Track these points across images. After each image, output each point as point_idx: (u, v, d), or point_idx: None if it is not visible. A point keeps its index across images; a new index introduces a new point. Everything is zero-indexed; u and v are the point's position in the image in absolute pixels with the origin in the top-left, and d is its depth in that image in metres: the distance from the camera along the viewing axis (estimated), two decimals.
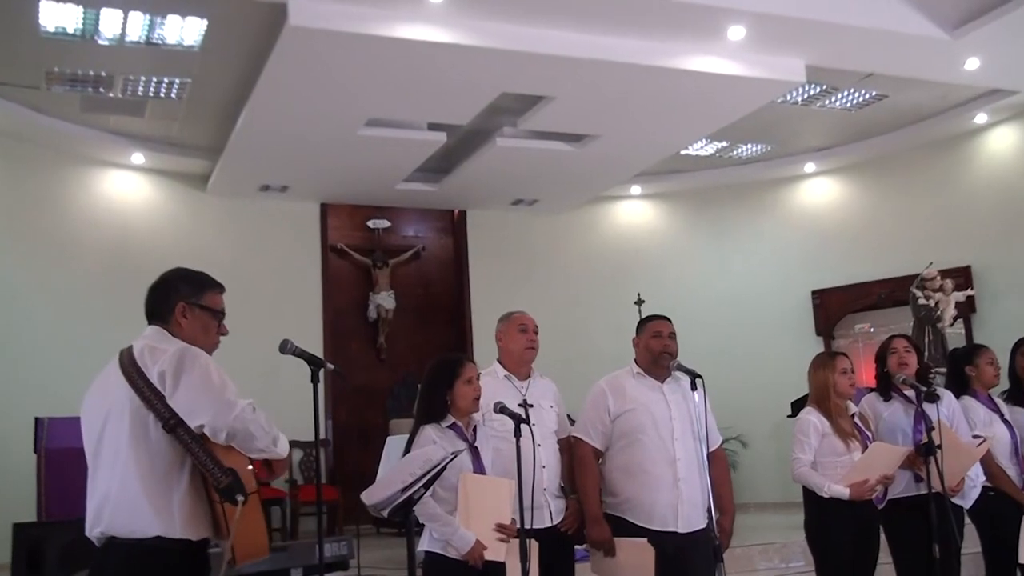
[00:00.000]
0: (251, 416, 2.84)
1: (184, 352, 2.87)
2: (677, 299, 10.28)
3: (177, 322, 3.03)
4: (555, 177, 10.15)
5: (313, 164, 9.32)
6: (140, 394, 2.84)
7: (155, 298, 3.08)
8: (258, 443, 2.86)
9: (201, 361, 2.87)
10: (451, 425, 3.95)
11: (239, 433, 2.83)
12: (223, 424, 2.80)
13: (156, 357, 2.87)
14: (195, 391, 2.82)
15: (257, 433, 2.85)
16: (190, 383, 2.82)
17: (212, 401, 2.81)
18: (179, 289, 3.07)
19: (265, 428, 2.88)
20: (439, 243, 11.44)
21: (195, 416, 2.81)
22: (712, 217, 11.66)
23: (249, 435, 2.84)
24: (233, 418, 2.81)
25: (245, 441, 2.84)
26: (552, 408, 4.47)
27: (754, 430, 10.61)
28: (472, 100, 7.85)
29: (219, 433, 2.81)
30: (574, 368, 8.05)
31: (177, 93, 8.01)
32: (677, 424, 4.29)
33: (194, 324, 3.05)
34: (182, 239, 9.70)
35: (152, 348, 2.91)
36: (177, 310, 3.04)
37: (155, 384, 2.84)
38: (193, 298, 3.07)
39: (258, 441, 2.86)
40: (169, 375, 2.83)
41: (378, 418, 10.46)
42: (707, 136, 9.73)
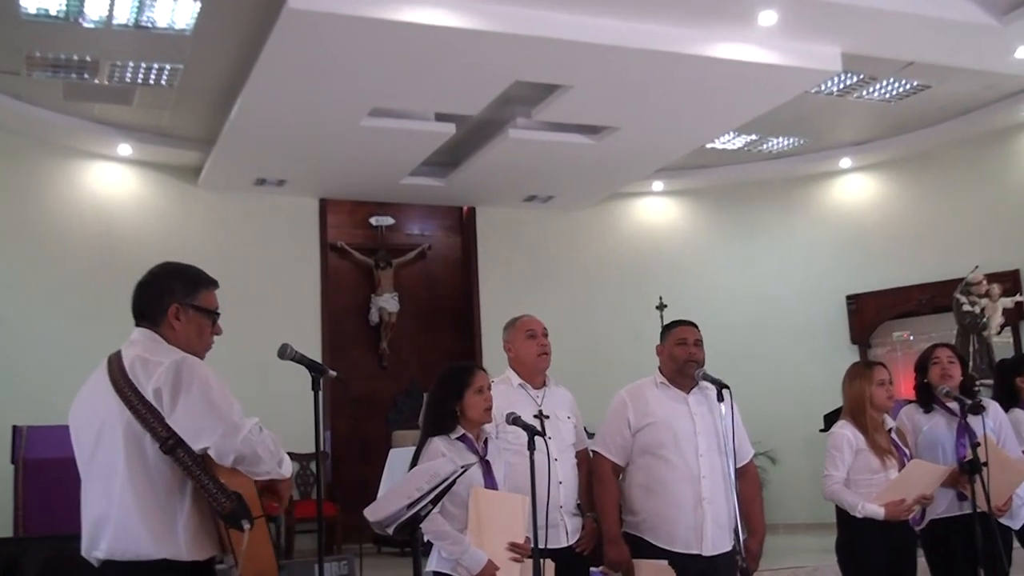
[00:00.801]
0: (258, 438, 2.83)
1: (181, 366, 2.83)
2: (701, 304, 10.26)
3: (170, 324, 3.00)
4: (571, 172, 10.16)
5: (312, 156, 9.35)
6: (134, 412, 2.80)
7: (145, 298, 3.05)
8: (264, 466, 2.85)
9: (200, 376, 2.84)
10: (461, 437, 3.96)
11: (247, 457, 2.81)
12: (230, 447, 2.78)
13: (150, 371, 2.83)
14: (197, 411, 2.79)
15: (264, 456, 2.84)
16: (190, 402, 2.79)
17: (217, 422, 2.78)
18: (172, 289, 3.03)
19: (272, 450, 2.87)
20: (446, 242, 11.46)
21: (199, 438, 2.78)
22: (740, 216, 11.65)
23: (256, 458, 2.83)
24: (241, 441, 2.79)
25: (251, 464, 2.83)
26: (569, 419, 4.47)
27: (784, 445, 10.59)
28: (483, 89, 7.86)
29: (226, 457, 2.79)
30: (590, 378, 8.05)
31: (167, 80, 8.04)
32: (702, 439, 4.28)
33: (188, 327, 3.02)
34: (171, 236, 9.73)
35: (145, 361, 2.87)
36: (170, 312, 3.01)
37: (151, 401, 2.80)
38: (187, 298, 3.04)
39: (264, 464, 2.85)
40: (166, 393, 2.79)
41: (380, 429, 10.49)
42: (735, 129, 9.72)
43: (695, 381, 4.38)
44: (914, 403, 5.15)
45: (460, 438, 3.95)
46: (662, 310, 10.17)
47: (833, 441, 4.80)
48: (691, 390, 4.40)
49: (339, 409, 10.33)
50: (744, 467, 4.45)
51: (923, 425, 5.02)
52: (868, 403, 4.78)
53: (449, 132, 8.93)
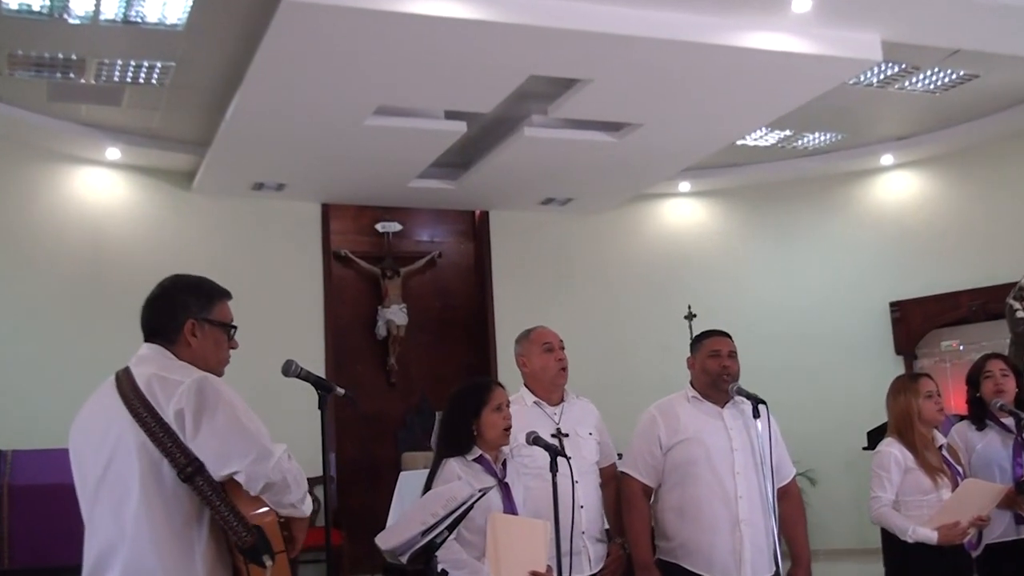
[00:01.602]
0: (288, 465, 2.85)
1: (203, 385, 2.85)
2: (733, 312, 10.25)
3: (186, 342, 3.03)
4: (592, 172, 10.16)
5: (313, 159, 9.37)
6: (151, 435, 2.81)
7: (158, 315, 3.08)
8: (291, 497, 2.87)
9: (225, 396, 2.85)
10: (478, 458, 3.97)
11: (277, 484, 2.82)
12: (261, 473, 2.80)
13: (169, 391, 2.84)
14: (225, 434, 2.80)
15: (292, 486, 2.86)
16: (217, 425, 2.80)
17: (248, 447, 2.80)
18: (187, 304, 3.07)
19: (299, 480, 2.88)
20: (458, 249, 11.47)
21: (227, 463, 2.79)
22: (774, 217, 11.64)
23: (286, 487, 2.84)
24: (272, 467, 2.80)
25: (279, 493, 2.84)
26: (591, 435, 4.47)
27: (825, 465, 10.56)
28: (496, 84, 7.88)
29: (256, 483, 2.80)
30: (614, 394, 8.04)
31: (158, 79, 8.08)
32: (739, 456, 4.28)
33: (205, 343, 3.06)
34: (164, 245, 9.77)
35: (163, 380, 2.88)
36: (186, 329, 3.04)
37: (170, 424, 2.81)
38: (203, 313, 3.07)
39: (292, 495, 2.86)
40: (189, 414, 2.80)
41: (388, 451, 10.49)
42: (767, 124, 9.71)
43: (730, 396, 4.37)
44: (966, 419, 5.13)
45: (477, 459, 3.97)
46: (691, 320, 10.16)
47: (879, 460, 4.78)
48: (726, 404, 4.39)
49: (344, 430, 10.34)
50: (785, 487, 4.45)
51: (976, 443, 5.01)
52: (916, 418, 4.77)
53: (460, 131, 8.94)
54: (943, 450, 4.84)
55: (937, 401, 4.82)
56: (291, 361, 3.35)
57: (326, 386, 3.39)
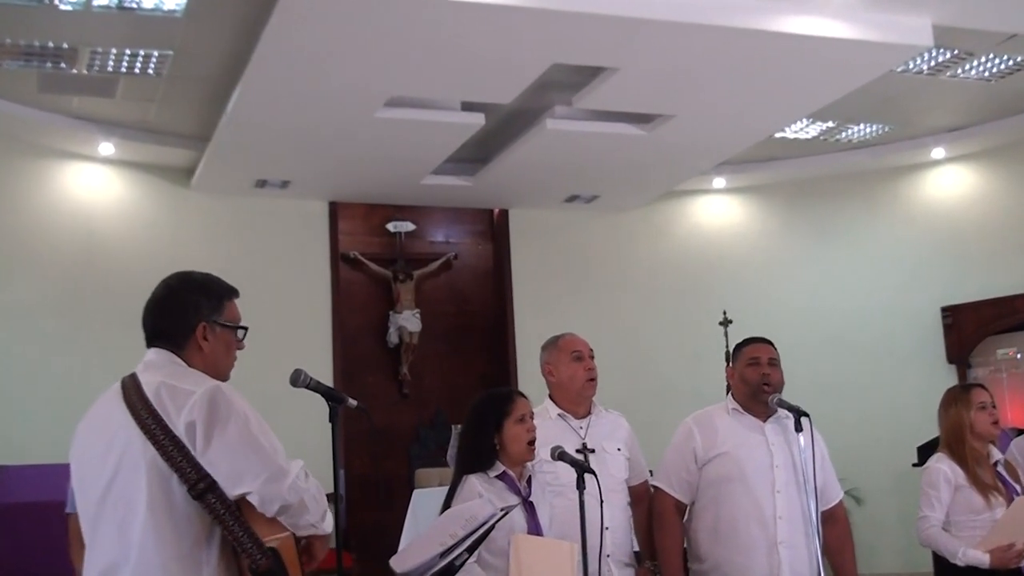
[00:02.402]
0: (305, 485, 2.86)
1: (216, 396, 2.85)
2: (771, 319, 10.22)
3: (197, 346, 3.05)
4: (619, 167, 10.17)
5: (320, 154, 9.41)
6: (160, 448, 2.81)
7: (166, 318, 3.09)
8: (310, 517, 2.88)
9: (238, 408, 2.86)
10: (501, 475, 3.99)
11: (293, 506, 2.83)
12: (276, 495, 2.80)
13: (180, 401, 2.85)
14: (236, 451, 2.81)
15: (311, 506, 2.86)
16: (228, 439, 2.81)
17: (260, 465, 2.80)
18: (198, 306, 3.08)
19: (317, 499, 2.89)
20: (475, 250, 11.50)
21: (238, 482, 2.79)
22: (815, 216, 11.63)
23: (303, 508, 2.85)
24: (288, 488, 2.81)
25: (296, 515, 2.85)
26: (620, 451, 4.47)
27: (871, 483, 10.52)
28: (517, 73, 7.89)
29: (270, 505, 2.80)
30: (642, 407, 8.03)
31: (155, 69, 8.12)
32: (780, 473, 4.28)
33: (216, 346, 3.08)
34: (161, 247, 9.81)
35: (173, 389, 2.88)
36: (198, 333, 3.05)
37: (180, 437, 2.81)
38: (214, 315, 3.10)
39: (310, 515, 2.87)
40: (200, 427, 2.81)
41: (400, 468, 10.52)
42: (809, 115, 9.69)
43: (772, 408, 4.37)
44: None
45: (500, 476, 3.97)
46: (726, 327, 10.15)
47: (928, 477, 4.78)
48: (768, 418, 4.39)
49: (353, 444, 10.36)
50: (832, 510, 4.44)
51: None
52: (968, 431, 4.76)
53: (478, 123, 8.96)
54: (999, 466, 4.83)
55: (992, 413, 4.80)
56: (300, 370, 3.35)
57: (337, 397, 3.39)
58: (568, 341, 4.59)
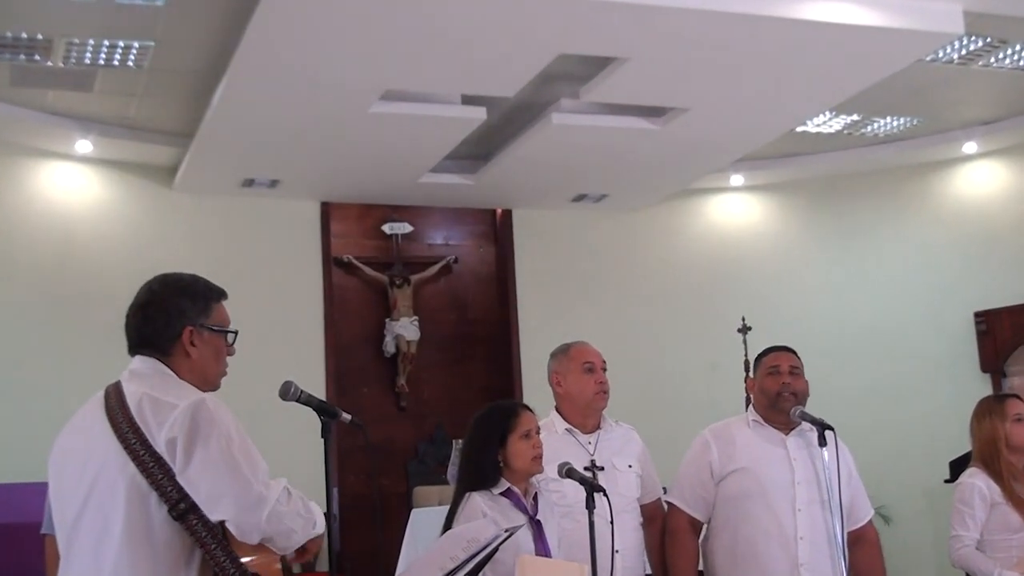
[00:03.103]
0: (286, 509, 2.85)
1: (198, 411, 2.85)
2: (792, 325, 10.24)
3: (184, 352, 3.05)
4: (629, 164, 10.17)
5: (312, 151, 9.41)
6: (140, 465, 2.81)
7: (150, 324, 3.08)
8: (297, 537, 2.89)
9: (221, 425, 2.85)
10: (505, 492, 3.99)
11: (275, 535, 2.83)
12: (253, 525, 2.80)
13: (162, 416, 2.85)
14: (215, 473, 2.80)
15: (296, 526, 2.87)
16: (208, 460, 2.80)
17: (237, 492, 2.80)
18: (183, 310, 3.08)
19: (303, 515, 2.90)
20: (476, 254, 11.50)
21: (215, 507, 2.79)
22: (839, 215, 11.63)
23: (288, 532, 2.85)
24: (266, 519, 2.80)
25: (283, 540, 2.86)
26: (631, 468, 4.47)
27: (900, 500, 10.50)
28: (520, 65, 7.89)
29: (248, 535, 2.81)
30: (654, 420, 8.03)
31: (135, 61, 8.12)
32: (802, 490, 4.28)
33: (205, 352, 3.08)
34: (142, 251, 9.80)
35: (156, 401, 2.88)
36: (184, 338, 3.05)
37: (161, 454, 2.81)
38: (201, 318, 3.10)
39: (297, 535, 2.88)
40: (181, 444, 2.80)
41: (398, 485, 10.52)
42: (832, 108, 9.68)
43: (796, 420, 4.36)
44: None
45: (504, 493, 3.97)
46: (745, 334, 10.13)
47: (961, 494, 4.77)
48: (791, 431, 4.38)
49: (348, 461, 10.33)
50: (861, 530, 4.45)
51: None
52: (1003, 444, 4.76)
53: (479, 118, 8.96)
54: None
55: None
56: (290, 383, 3.35)
57: (330, 411, 3.39)
58: (579, 350, 4.59)
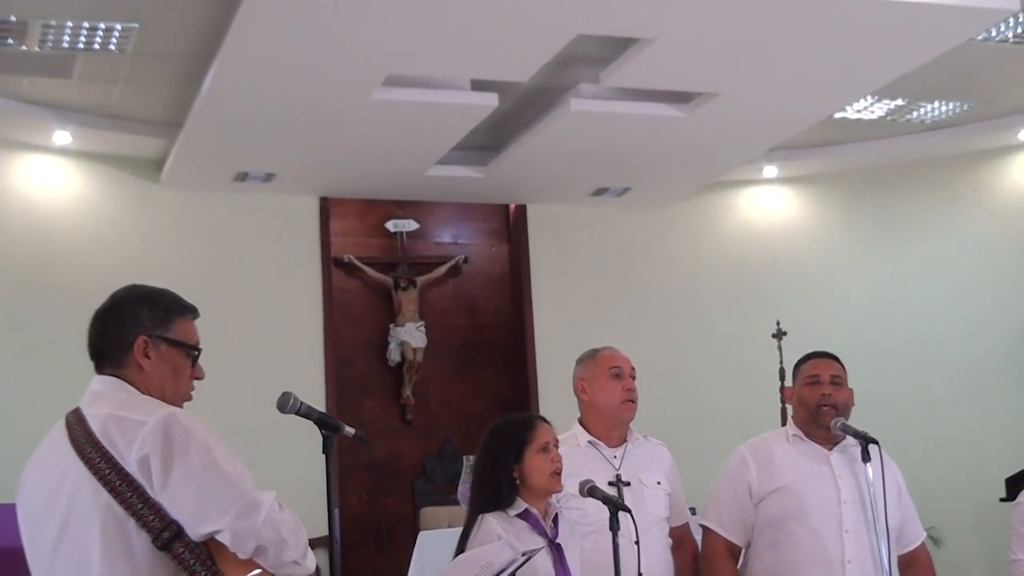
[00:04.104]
0: (280, 517, 2.86)
1: (171, 424, 2.85)
2: (832, 330, 10.19)
3: (136, 363, 3.05)
4: (654, 154, 10.15)
5: (309, 142, 9.41)
6: (115, 492, 2.81)
7: (104, 331, 3.10)
8: (290, 553, 2.87)
9: (197, 436, 2.86)
10: (522, 513, 3.99)
11: (270, 543, 2.82)
12: (249, 531, 2.79)
13: (130, 434, 2.85)
14: (200, 484, 2.80)
15: (290, 539, 2.87)
16: (190, 472, 2.81)
17: (230, 499, 2.80)
18: (138, 317, 3.08)
19: (296, 531, 2.90)
20: (488, 253, 11.50)
21: (204, 520, 2.79)
22: (882, 209, 11.61)
23: (282, 544, 2.85)
24: (262, 522, 2.81)
25: (275, 553, 2.85)
26: (659, 485, 4.48)
27: (952, 521, 10.43)
28: (535, 46, 7.88)
29: (244, 543, 2.80)
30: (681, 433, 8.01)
31: (118, 44, 8.12)
32: (848, 510, 4.28)
33: (160, 366, 3.07)
34: (126, 251, 9.84)
35: (121, 421, 2.88)
36: (136, 347, 3.05)
37: (133, 475, 2.81)
38: (158, 329, 3.09)
39: (290, 550, 2.87)
40: (156, 461, 2.81)
41: (403, 505, 10.52)
42: (875, 92, 9.66)
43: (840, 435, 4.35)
44: None
45: (522, 514, 3.97)
46: (779, 339, 10.09)
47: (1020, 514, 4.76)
48: (835, 446, 4.37)
49: (349, 479, 10.34)
50: (913, 553, 4.48)
51: None
52: None
53: (491, 105, 8.95)
54: None
55: None
56: (289, 394, 3.35)
57: (332, 425, 3.38)
58: (607, 356, 4.62)
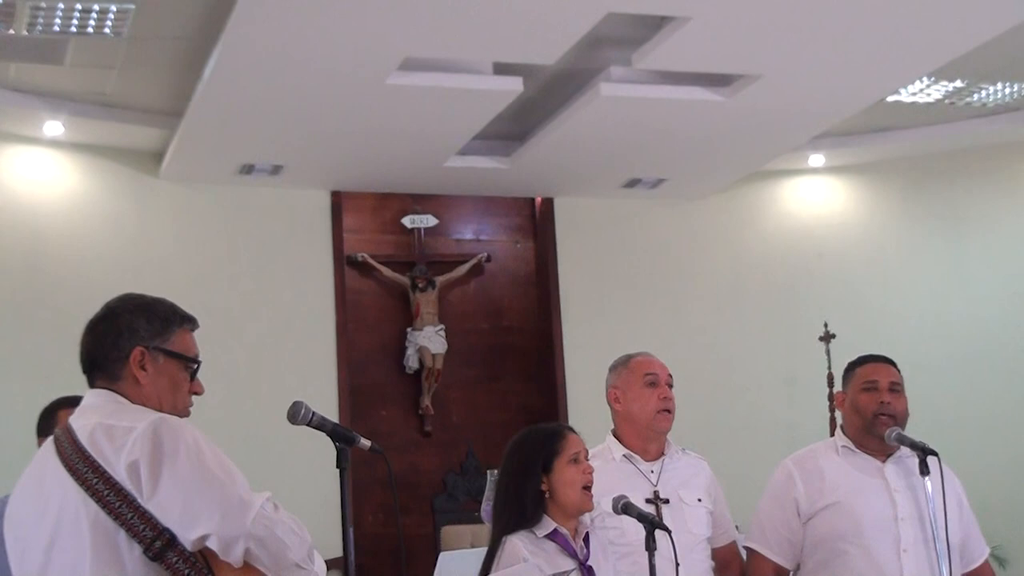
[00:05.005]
0: (274, 516, 2.87)
1: (160, 427, 2.89)
2: (885, 331, 10.21)
3: (132, 376, 3.08)
4: (691, 143, 10.14)
5: (320, 131, 9.43)
6: (103, 503, 2.84)
7: (98, 342, 3.13)
8: (291, 554, 2.88)
9: (187, 438, 2.89)
10: (551, 533, 3.97)
11: (264, 544, 2.84)
12: (238, 532, 2.82)
13: (119, 441, 2.88)
14: (188, 486, 2.83)
15: (288, 540, 2.87)
16: (178, 475, 2.84)
17: (217, 499, 2.83)
18: (134, 327, 3.12)
19: (296, 531, 2.91)
20: (512, 251, 11.50)
21: (193, 524, 2.82)
22: (940, 200, 11.59)
23: (279, 544, 2.86)
24: (252, 522, 2.82)
25: (275, 554, 2.85)
26: (700, 503, 4.48)
27: (1017, 539, 10.43)
28: (563, 26, 7.87)
29: (233, 547, 2.82)
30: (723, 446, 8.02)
31: (113, 27, 8.13)
32: (906, 527, 4.28)
33: (158, 379, 3.11)
34: (123, 250, 9.84)
35: (109, 428, 2.92)
36: (132, 359, 3.09)
37: (122, 484, 2.85)
38: (156, 340, 3.12)
39: (291, 551, 2.88)
40: (145, 466, 2.84)
41: (422, 524, 10.53)
42: (930, 73, 9.62)
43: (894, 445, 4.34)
44: None
45: (550, 535, 3.95)
46: (828, 342, 10.08)
47: None
48: (889, 458, 4.36)
49: (364, 496, 10.33)
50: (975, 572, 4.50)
51: None
52: None
53: (515, 90, 8.94)
54: None
55: None
56: (300, 403, 3.35)
57: (347, 437, 3.39)
58: (641, 362, 4.63)
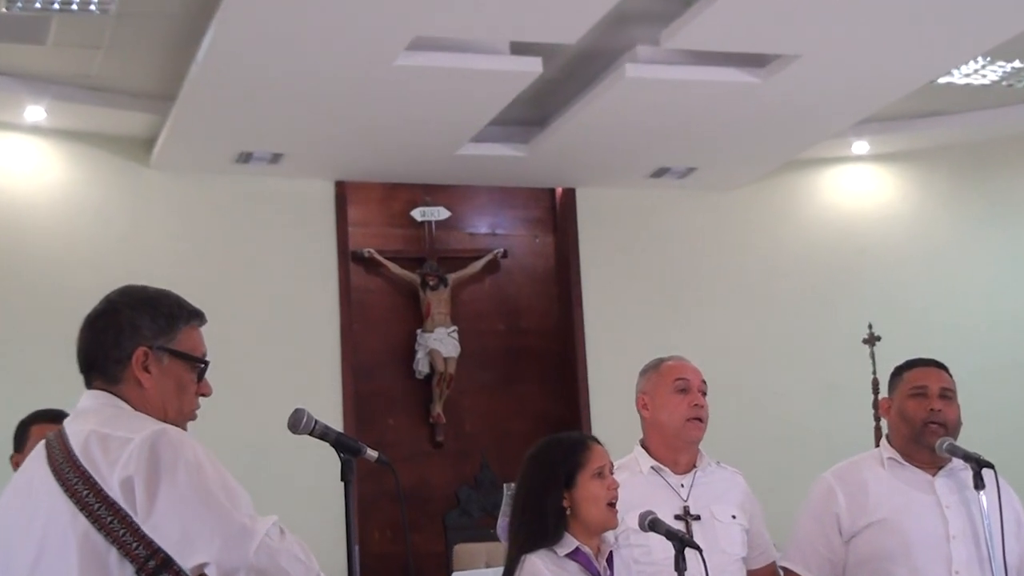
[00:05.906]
0: (279, 545, 2.87)
1: (158, 442, 2.87)
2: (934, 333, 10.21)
3: (134, 379, 3.06)
4: (723, 129, 10.13)
5: (323, 117, 9.43)
6: (94, 518, 2.83)
7: (96, 341, 3.10)
8: None
9: (188, 454, 2.87)
10: (573, 552, 3.97)
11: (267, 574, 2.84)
12: (239, 562, 2.81)
13: (114, 453, 2.87)
14: (186, 508, 2.82)
15: (293, 570, 2.87)
16: (176, 495, 2.82)
17: (217, 524, 2.82)
18: (137, 326, 3.09)
19: (302, 559, 2.90)
20: (531, 246, 11.50)
21: (191, 551, 2.81)
22: (994, 191, 11.59)
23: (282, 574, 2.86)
24: (255, 551, 2.82)
25: None
26: (735, 519, 4.47)
27: None
28: (585, 2, 7.86)
29: None
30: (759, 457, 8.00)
31: (99, 4, 8.14)
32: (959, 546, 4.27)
33: (163, 381, 3.08)
34: (111, 243, 9.88)
35: (104, 438, 2.90)
36: (135, 360, 3.06)
37: (116, 499, 2.83)
38: (161, 339, 3.09)
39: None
40: (141, 483, 2.82)
41: (434, 542, 10.54)
42: (984, 53, 9.59)
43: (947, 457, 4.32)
44: None
45: (572, 554, 3.95)
46: (872, 344, 10.06)
47: None
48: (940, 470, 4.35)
49: (371, 511, 10.34)
50: None
51: None
52: None
53: (533, 72, 8.93)
54: None
55: None
56: (301, 411, 3.34)
57: (352, 447, 3.39)
58: (673, 366, 4.62)
